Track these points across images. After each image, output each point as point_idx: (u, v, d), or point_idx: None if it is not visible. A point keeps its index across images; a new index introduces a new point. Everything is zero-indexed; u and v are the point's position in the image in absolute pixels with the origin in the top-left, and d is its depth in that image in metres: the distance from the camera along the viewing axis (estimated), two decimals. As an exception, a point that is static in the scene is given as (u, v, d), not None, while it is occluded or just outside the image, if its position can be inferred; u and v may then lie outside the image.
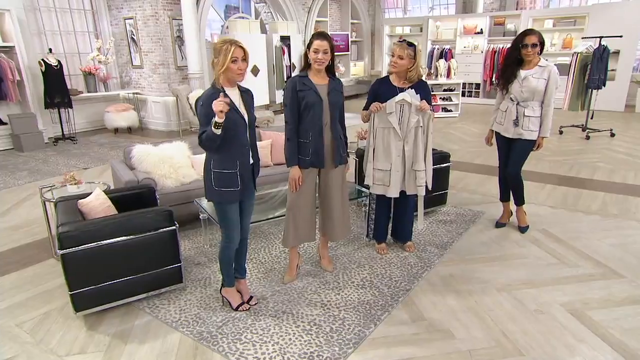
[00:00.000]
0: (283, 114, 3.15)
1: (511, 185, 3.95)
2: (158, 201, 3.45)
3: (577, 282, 3.14)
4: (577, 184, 5.28)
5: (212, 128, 2.34)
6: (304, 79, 2.93)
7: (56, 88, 7.75)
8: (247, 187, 2.69)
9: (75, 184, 3.64)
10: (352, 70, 14.02)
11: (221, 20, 10.77)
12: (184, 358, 2.47)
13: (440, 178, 4.27)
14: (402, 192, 3.39)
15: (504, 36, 11.35)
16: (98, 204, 2.99)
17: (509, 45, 4.12)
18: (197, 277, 3.30)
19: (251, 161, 2.70)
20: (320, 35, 2.87)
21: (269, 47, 9.86)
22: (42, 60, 7.62)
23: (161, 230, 2.87)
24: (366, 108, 3.38)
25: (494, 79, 10.21)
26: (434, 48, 12.22)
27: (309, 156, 2.95)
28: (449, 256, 3.57)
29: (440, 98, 10.06)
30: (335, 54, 3.00)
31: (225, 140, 2.45)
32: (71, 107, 8.06)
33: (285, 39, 10.34)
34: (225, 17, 11.08)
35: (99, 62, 8.52)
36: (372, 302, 2.95)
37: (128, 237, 2.76)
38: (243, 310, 2.86)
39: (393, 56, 3.22)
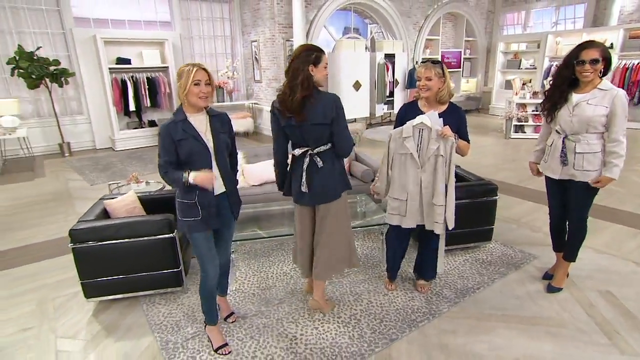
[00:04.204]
0: (374, 127, 2.68)
1: (571, 231, 2.75)
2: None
3: (623, 380, 2.06)
4: (690, 236, 3.66)
5: (182, 180, 2.06)
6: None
7: (190, 99, 8.56)
8: (216, 216, 2.22)
9: (136, 182, 3.79)
10: (463, 87, 12.56)
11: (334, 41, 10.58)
12: (139, 365, 2.26)
13: (485, 212, 3.34)
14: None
15: (640, 51, 8.83)
16: (121, 205, 2.99)
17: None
18: (205, 282, 3.09)
19: (221, 190, 2.26)
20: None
21: (372, 64, 9.39)
22: (183, 76, 8.47)
23: (160, 236, 2.73)
24: None
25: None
26: (552, 65, 10.14)
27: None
28: (464, 306, 2.71)
29: (547, 118, 8.24)
30: (448, 70, 2.48)
31: (182, 169, 2.10)
32: (201, 114, 8.82)
33: (390, 57, 9.75)
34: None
35: (227, 77, 9.10)
36: (344, 346, 2.36)
37: (130, 240, 2.68)
38: (223, 353, 2.31)
39: (419, 80, 2.52)
